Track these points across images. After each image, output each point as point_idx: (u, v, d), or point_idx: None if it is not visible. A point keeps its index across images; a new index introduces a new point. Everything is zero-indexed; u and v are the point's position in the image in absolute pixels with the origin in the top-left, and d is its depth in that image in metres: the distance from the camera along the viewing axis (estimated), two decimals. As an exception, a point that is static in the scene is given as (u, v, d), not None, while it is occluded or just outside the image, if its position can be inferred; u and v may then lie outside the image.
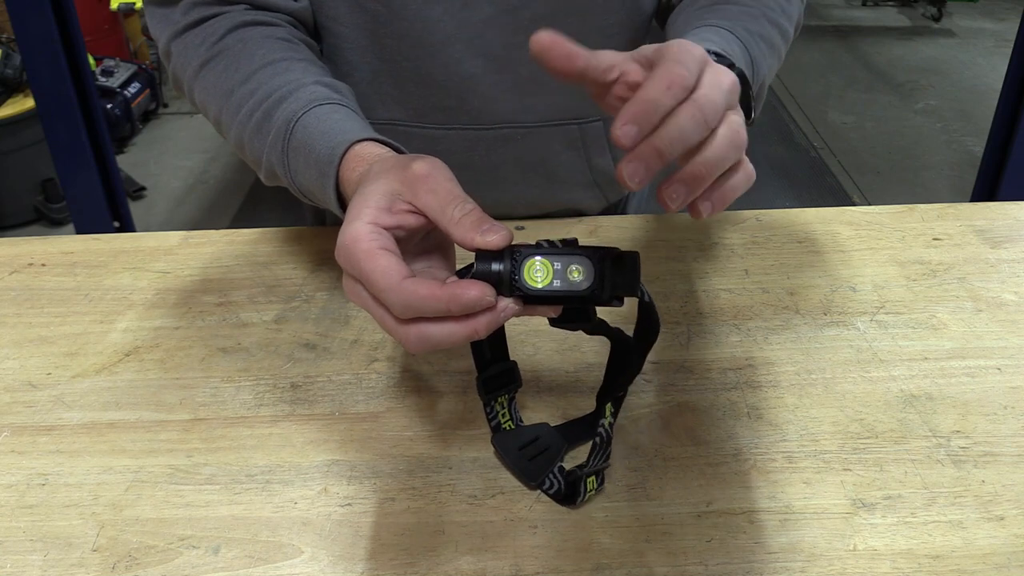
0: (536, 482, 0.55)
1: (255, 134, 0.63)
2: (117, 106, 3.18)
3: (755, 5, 0.69)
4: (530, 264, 0.44)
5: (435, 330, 0.44)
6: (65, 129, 1.98)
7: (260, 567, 0.50)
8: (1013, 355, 0.66)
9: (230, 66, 0.65)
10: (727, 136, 0.44)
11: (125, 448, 0.59)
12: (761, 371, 0.64)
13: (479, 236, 0.44)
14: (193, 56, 0.67)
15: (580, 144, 0.82)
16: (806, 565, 0.50)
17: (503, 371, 0.56)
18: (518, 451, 0.56)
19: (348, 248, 0.45)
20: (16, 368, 0.66)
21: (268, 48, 0.65)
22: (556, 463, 0.55)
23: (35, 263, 0.79)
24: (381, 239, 0.45)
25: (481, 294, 0.43)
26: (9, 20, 1.88)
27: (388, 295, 0.44)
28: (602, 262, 0.45)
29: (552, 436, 0.58)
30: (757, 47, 0.65)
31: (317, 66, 0.67)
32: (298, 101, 0.60)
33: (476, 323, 0.44)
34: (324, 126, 0.58)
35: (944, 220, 0.83)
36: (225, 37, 0.66)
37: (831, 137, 3.49)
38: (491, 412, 0.57)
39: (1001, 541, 0.51)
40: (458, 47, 0.73)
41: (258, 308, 0.72)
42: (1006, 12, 4.87)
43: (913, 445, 0.58)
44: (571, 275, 0.44)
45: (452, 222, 0.45)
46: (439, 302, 0.43)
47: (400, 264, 0.44)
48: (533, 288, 0.44)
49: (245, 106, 0.63)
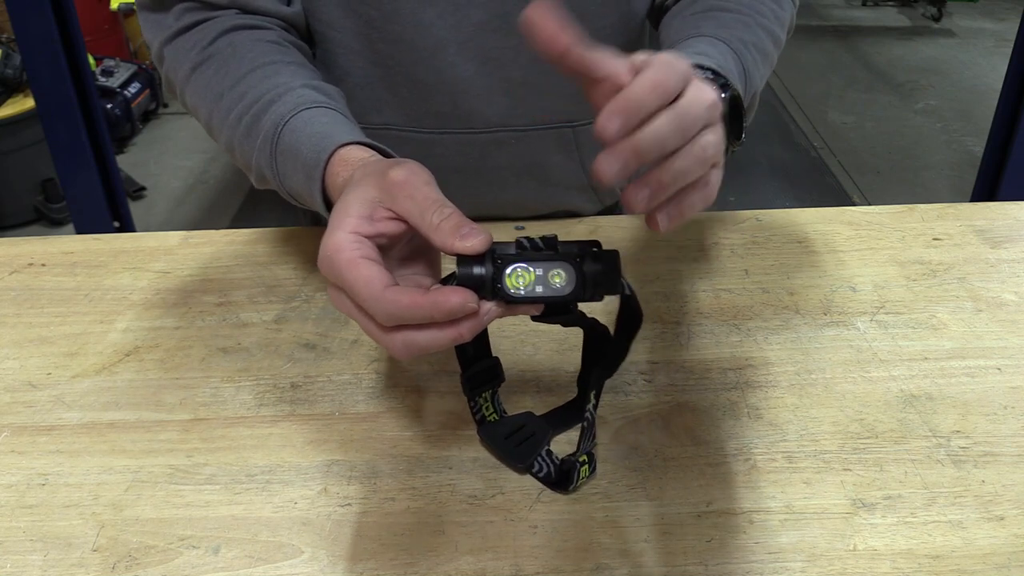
0: (525, 465, 0.55)
1: (244, 138, 0.63)
2: (117, 106, 3.18)
3: (749, 12, 0.69)
4: (512, 271, 0.45)
5: (420, 337, 0.45)
6: (65, 129, 1.98)
7: (260, 567, 0.50)
8: (1013, 355, 0.66)
9: (220, 70, 0.65)
10: (697, 151, 0.45)
11: (125, 448, 0.59)
12: (761, 371, 0.64)
13: (458, 241, 0.44)
14: (184, 60, 0.68)
15: (574, 147, 0.82)
16: (806, 565, 0.50)
17: (486, 368, 0.57)
18: (504, 439, 0.57)
19: (330, 258, 0.45)
20: (16, 368, 0.66)
21: (257, 52, 0.66)
22: (543, 446, 0.56)
23: (35, 263, 0.79)
24: (363, 248, 0.45)
25: (463, 300, 0.43)
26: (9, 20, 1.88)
27: (371, 304, 0.44)
28: (582, 265, 0.45)
29: (537, 422, 0.59)
30: (750, 57, 0.65)
31: (307, 69, 0.67)
32: (285, 105, 0.60)
33: (460, 328, 0.44)
34: (311, 129, 0.58)
35: (944, 220, 0.83)
36: (216, 41, 0.67)
37: (831, 137, 3.49)
38: (475, 407, 0.58)
39: (1001, 541, 0.51)
40: (451, 51, 0.73)
41: (258, 308, 0.72)
42: (1006, 12, 4.87)
43: (913, 445, 0.58)
44: (553, 280, 0.45)
45: (431, 228, 0.45)
46: (422, 310, 0.44)
47: (382, 273, 0.45)
48: (516, 295, 0.45)
49: (234, 110, 0.63)
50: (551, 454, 0.56)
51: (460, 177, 0.81)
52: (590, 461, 0.54)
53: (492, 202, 0.83)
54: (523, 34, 0.43)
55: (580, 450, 0.54)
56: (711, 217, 0.83)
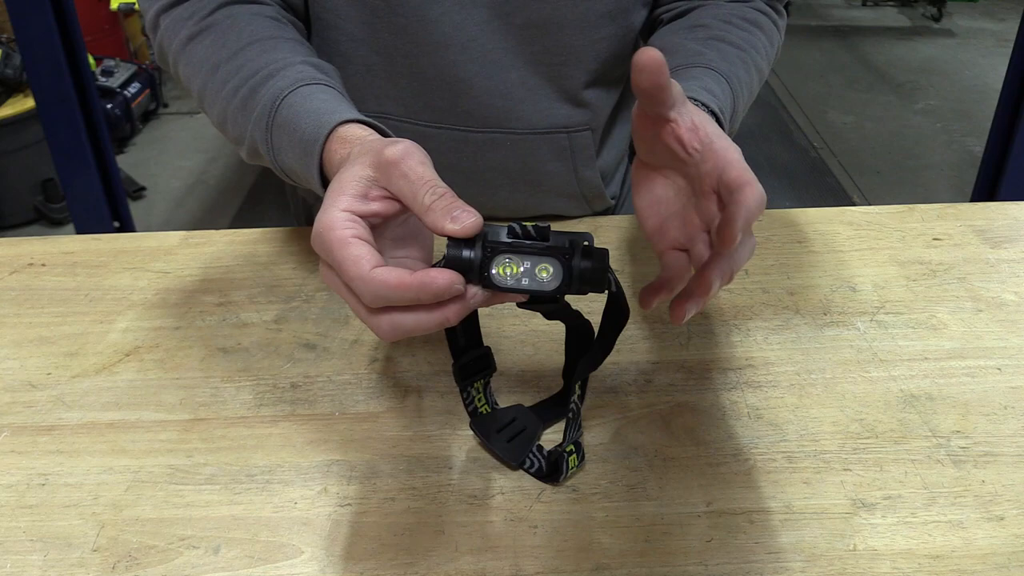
0: (518, 462, 0.56)
1: (239, 111, 0.62)
2: (117, 106, 3.18)
3: (747, 49, 0.69)
4: (500, 262, 0.45)
5: (406, 319, 0.45)
6: (65, 129, 1.98)
7: (260, 567, 0.50)
8: (1013, 355, 0.66)
9: (216, 41, 0.65)
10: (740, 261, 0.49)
11: (125, 448, 0.59)
12: (761, 371, 0.64)
13: (449, 223, 0.44)
14: (180, 29, 0.67)
15: (568, 154, 0.81)
16: (806, 565, 0.50)
17: (478, 357, 0.57)
18: (497, 434, 0.58)
19: (322, 236, 0.45)
20: (16, 368, 0.66)
21: (257, 25, 0.65)
22: (535, 443, 0.57)
23: (35, 263, 0.79)
24: (355, 227, 0.45)
25: (449, 282, 0.43)
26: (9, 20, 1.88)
27: (358, 284, 0.44)
28: (570, 261, 0.46)
29: (528, 416, 0.59)
30: (743, 98, 0.66)
31: (304, 46, 0.67)
32: (285, 79, 0.60)
33: (447, 311, 0.45)
34: (310, 105, 0.58)
35: (944, 220, 0.83)
36: (214, 12, 0.66)
37: (831, 137, 3.49)
38: (467, 397, 0.58)
39: (1001, 541, 0.51)
40: (454, 49, 0.73)
41: (258, 308, 0.72)
42: (1006, 12, 4.87)
43: (913, 445, 0.58)
44: (540, 273, 0.46)
45: (424, 208, 0.45)
46: (408, 291, 0.43)
47: (371, 253, 0.45)
48: (502, 284, 0.45)
49: (230, 82, 0.63)
50: (540, 448, 0.57)
51: (452, 175, 0.80)
52: (578, 450, 0.55)
53: (483, 203, 0.83)
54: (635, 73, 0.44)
55: (567, 440, 0.54)
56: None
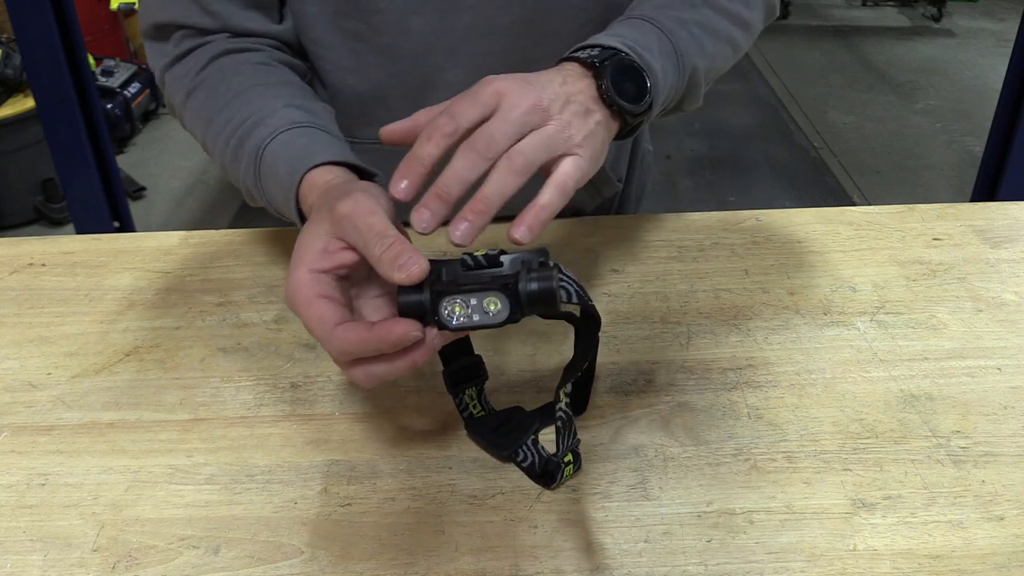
0: (508, 452, 0.56)
1: (232, 161, 0.65)
2: (117, 106, 3.18)
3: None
4: (449, 303, 0.47)
5: (378, 368, 0.48)
6: (65, 129, 1.98)
7: (260, 567, 0.50)
8: (1013, 355, 0.66)
9: (209, 95, 0.68)
10: (505, 164, 0.49)
11: (125, 448, 0.59)
12: (761, 371, 0.64)
13: (396, 272, 0.46)
14: (180, 86, 0.70)
15: None
16: (806, 565, 0.50)
17: (469, 365, 0.58)
18: (491, 432, 0.58)
19: (290, 298, 0.49)
20: (16, 368, 0.66)
21: (244, 75, 0.67)
22: (529, 435, 0.56)
23: (35, 263, 0.79)
24: (319, 286, 0.48)
25: (405, 332, 0.46)
26: (9, 20, 1.88)
27: (324, 343, 0.47)
28: (517, 287, 0.47)
29: (524, 415, 0.59)
30: (686, 34, 0.65)
31: (292, 87, 0.68)
32: (266, 128, 0.62)
33: (414, 356, 0.47)
34: (287, 152, 0.60)
35: (944, 220, 0.83)
36: (207, 67, 0.69)
37: (831, 137, 3.49)
38: (460, 403, 0.58)
39: (1001, 541, 0.51)
40: (439, 56, 0.74)
41: (258, 308, 0.72)
42: (1006, 12, 4.87)
43: (913, 445, 0.58)
44: (489, 307, 0.47)
45: (375, 260, 0.47)
46: (370, 344, 0.46)
47: (334, 310, 0.48)
48: (455, 324, 0.47)
49: (222, 134, 0.65)
50: (537, 443, 0.56)
51: None
52: (575, 460, 0.55)
53: None
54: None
55: (563, 449, 0.54)
56: (711, 217, 0.83)
